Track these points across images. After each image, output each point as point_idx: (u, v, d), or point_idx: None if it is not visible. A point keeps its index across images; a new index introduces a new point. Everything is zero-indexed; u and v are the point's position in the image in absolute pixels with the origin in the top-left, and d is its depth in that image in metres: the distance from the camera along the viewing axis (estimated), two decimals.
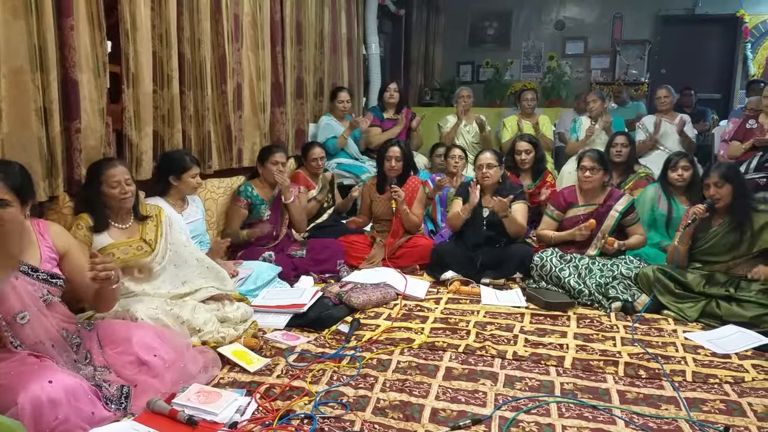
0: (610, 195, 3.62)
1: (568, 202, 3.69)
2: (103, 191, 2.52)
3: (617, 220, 3.51)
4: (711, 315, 2.96)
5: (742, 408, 2.15)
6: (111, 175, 2.52)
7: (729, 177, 3.09)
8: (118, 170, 2.55)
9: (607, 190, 3.65)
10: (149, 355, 2.17)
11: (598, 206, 3.60)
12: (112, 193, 2.52)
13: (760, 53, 7.86)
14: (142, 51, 2.88)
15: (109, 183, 2.52)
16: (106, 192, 2.52)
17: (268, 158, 3.64)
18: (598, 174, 3.58)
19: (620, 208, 3.54)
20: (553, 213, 3.73)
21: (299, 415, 2.07)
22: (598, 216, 3.55)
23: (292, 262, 3.58)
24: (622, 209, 3.54)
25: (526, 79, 8.12)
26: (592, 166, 3.57)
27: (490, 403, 2.17)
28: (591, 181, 3.58)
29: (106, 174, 2.52)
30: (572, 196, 3.71)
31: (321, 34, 5.04)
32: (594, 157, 3.59)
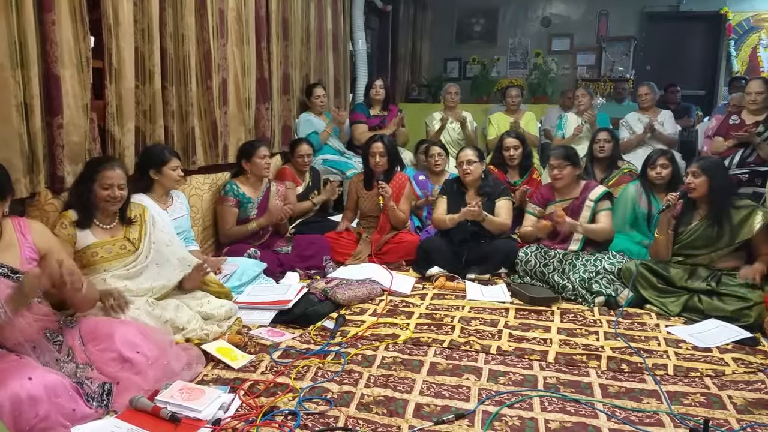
0: (586, 188, 3.65)
1: (546, 199, 3.73)
2: (94, 189, 2.51)
3: (592, 209, 3.54)
4: (693, 309, 3.00)
5: (722, 401, 2.18)
6: (106, 177, 2.50)
7: (707, 169, 3.12)
8: (114, 173, 2.53)
9: (581, 184, 3.68)
10: (132, 352, 2.16)
11: (573, 200, 3.64)
12: (102, 194, 2.51)
13: (744, 50, 7.94)
14: (125, 46, 2.85)
15: (101, 183, 2.50)
16: (97, 192, 2.51)
17: (255, 153, 3.61)
18: (566, 170, 3.60)
19: (594, 197, 3.58)
20: (534, 209, 3.76)
21: (283, 411, 2.07)
22: (575, 209, 3.58)
23: (278, 258, 3.58)
24: (596, 197, 3.58)
25: (512, 76, 8.14)
26: (558, 164, 3.60)
27: (474, 398, 2.18)
28: (561, 178, 3.62)
29: (102, 174, 2.50)
30: (549, 192, 3.75)
31: (307, 30, 5.02)
32: (558, 155, 3.63)
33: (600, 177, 4.36)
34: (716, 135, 4.63)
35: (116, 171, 2.54)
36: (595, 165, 4.42)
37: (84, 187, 2.52)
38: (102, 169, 2.51)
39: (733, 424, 2.03)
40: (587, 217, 3.57)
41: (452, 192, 3.90)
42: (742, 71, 7.85)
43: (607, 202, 3.60)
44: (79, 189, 2.55)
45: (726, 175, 3.35)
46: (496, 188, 3.82)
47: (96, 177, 2.50)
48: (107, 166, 2.53)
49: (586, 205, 3.58)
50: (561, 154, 3.63)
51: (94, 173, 2.51)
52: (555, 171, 3.62)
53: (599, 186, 3.70)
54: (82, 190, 2.52)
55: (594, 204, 3.57)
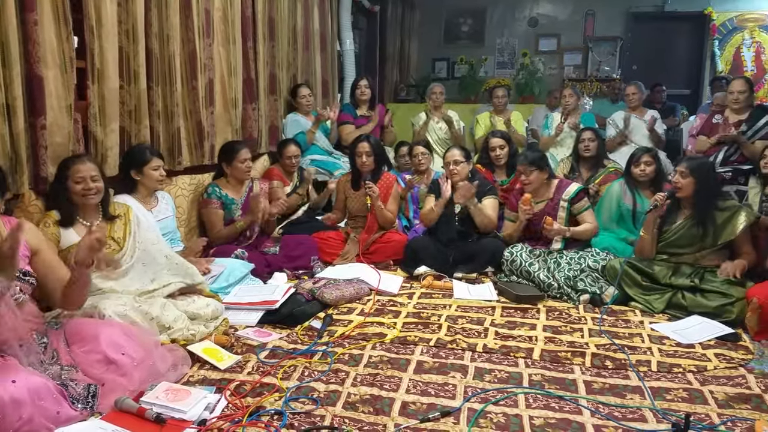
0: (559, 187, 3.67)
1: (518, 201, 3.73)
2: (69, 186, 2.52)
3: (567, 210, 3.57)
4: (677, 306, 3.03)
5: (703, 396, 2.21)
6: (76, 171, 2.52)
7: (695, 171, 3.15)
8: (85, 167, 2.54)
9: (554, 183, 3.70)
10: (117, 353, 2.15)
11: (548, 201, 3.65)
12: (76, 189, 2.52)
13: (728, 50, 8.01)
14: (108, 47, 2.84)
15: (73, 178, 2.52)
16: (71, 187, 2.52)
17: (235, 156, 3.59)
18: (533, 174, 3.61)
19: (567, 197, 3.61)
20: (510, 215, 3.81)
21: (269, 411, 2.07)
22: (551, 210, 3.61)
23: (265, 258, 3.57)
24: (569, 197, 3.60)
25: (500, 76, 8.17)
26: (524, 169, 3.62)
27: (460, 396, 2.19)
28: (529, 183, 3.64)
29: (72, 169, 2.52)
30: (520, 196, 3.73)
31: (294, 30, 5.02)
32: (523, 161, 3.64)
33: (586, 176, 4.40)
34: (700, 134, 4.67)
35: (86, 164, 2.55)
36: (581, 164, 4.45)
37: (59, 187, 2.54)
38: (71, 164, 2.53)
39: (714, 418, 2.06)
40: (564, 217, 3.60)
41: (439, 191, 3.90)
42: (726, 71, 7.92)
43: (584, 201, 3.63)
44: (54, 189, 2.57)
45: (713, 178, 3.36)
46: (483, 187, 3.84)
47: (68, 174, 2.52)
48: (76, 161, 2.56)
49: (561, 206, 3.61)
50: (526, 160, 3.64)
51: (65, 170, 2.53)
52: (522, 177, 3.64)
53: (572, 184, 3.72)
54: (58, 190, 2.54)
55: (568, 204, 3.59)
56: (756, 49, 7.95)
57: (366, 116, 5.32)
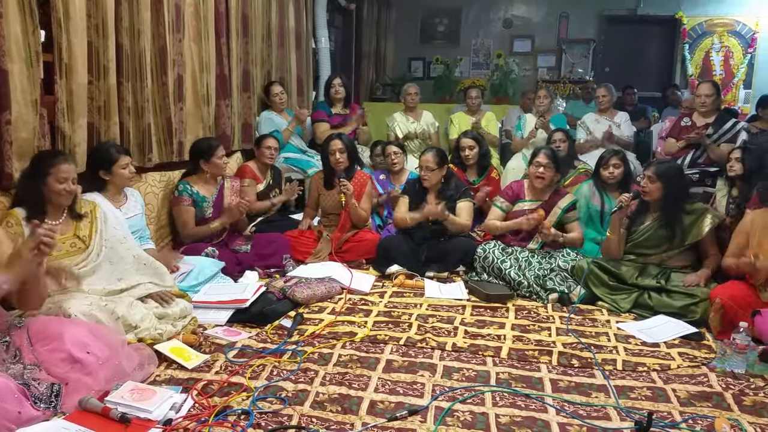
0: (556, 193, 3.70)
1: (516, 195, 3.76)
2: (48, 184, 2.45)
3: (559, 216, 3.60)
4: (643, 306, 3.09)
5: (666, 394, 2.26)
6: (62, 170, 2.45)
7: (663, 176, 3.21)
8: (70, 168, 2.49)
9: (553, 188, 3.74)
10: (82, 352, 2.12)
11: (542, 203, 3.68)
12: (58, 188, 2.46)
13: (697, 54, 8.19)
14: (76, 41, 2.79)
15: (57, 177, 2.45)
16: (52, 186, 2.45)
17: (214, 153, 3.55)
18: (550, 172, 3.63)
19: (563, 205, 3.65)
20: (502, 204, 3.78)
21: (236, 411, 2.06)
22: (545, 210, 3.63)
23: (236, 257, 3.55)
24: (565, 206, 3.64)
25: (475, 76, 8.21)
26: (547, 164, 3.60)
27: (428, 394, 2.21)
28: (544, 178, 3.63)
29: (59, 168, 2.45)
30: (521, 190, 3.78)
31: (268, 26, 4.99)
32: (549, 155, 3.63)
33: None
34: (669, 136, 4.76)
35: (71, 165, 2.50)
36: None
37: (35, 182, 2.45)
38: (57, 162, 2.46)
39: (675, 416, 2.10)
40: (553, 222, 3.62)
41: (414, 192, 3.92)
42: (696, 74, 8.11)
43: (575, 212, 3.67)
44: (29, 184, 2.48)
45: (681, 182, 3.40)
46: (458, 190, 3.86)
47: (50, 171, 2.44)
48: (61, 159, 2.49)
49: (554, 211, 3.63)
50: (552, 156, 3.63)
51: (47, 167, 2.45)
52: (542, 169, 3.60)
53: (569, 195, 3.76)
54: (34, 186, 2.46)
55: (562, 211, 3.63)
56: (725, 54, 8.14)
57: (341, 114, 5.30)
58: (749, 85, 8.08)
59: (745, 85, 8.11)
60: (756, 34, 7.95)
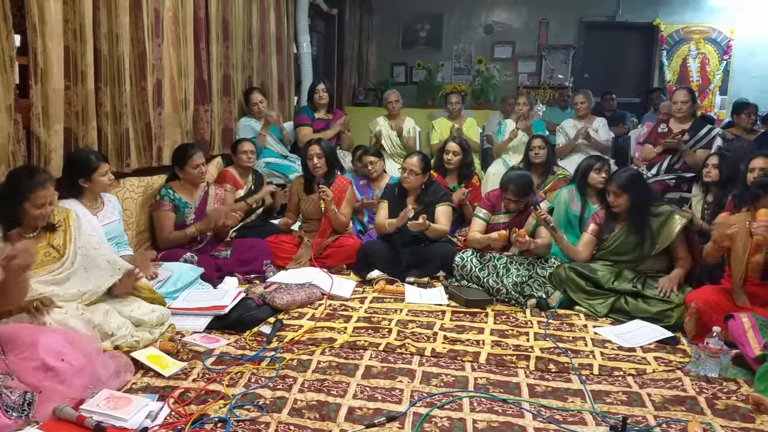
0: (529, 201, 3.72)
1: (494, 206, 3.75)
2: (25, 209, 2.40)
3: (535, 224, 3.61)
4: (619, 310, 3.13)
5: (641, 398, 2.29)
6: (40, 197, 2.41)
7: (626, 187, 3.26)
8: (49, 192, 2.44)
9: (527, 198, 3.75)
10: (56, 360, 2.09)
11: (518, 213, 3.69)
12: (34, 213, 2.42)
13: (675, 60, 8.31)
14: (52, 46, 2.76)
15: (34, 203, 2.41)
16: (29, 211, 2.41)
17: (188, 162, 3.52)
18: (520, 204, 3.63)
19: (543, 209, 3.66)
20: (485, 215, 3.78)
21: (213, 419, 2.05)
22: (520, 222, 3.65)
23: (216, 262, 3.52)
24: None
25: (456, 82, 8.25)
26: (516, 200, 3.60)
27: (406, 400, 2.21)
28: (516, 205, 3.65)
29: (36, 194, 2.40)
30: (497, 200, 3.75)
31: (249, 31, 4.97)
32: (517, 191, 3.57)
33: (536, 182, 4.47)
34: (646, 142, 4.83)
35: (49, 189, 2.45)
36: (532, 171, 4.53)
37: (11, 203, 2.40)
38: (35, 189, 2.39)
39: (650, 420, 2.13)
40: (529, 229, 3.63)
41: (393, 197, 3.94)
42: (673, 80, 8.23)
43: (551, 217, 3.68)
44: (5, 206, 2.41)
45: (644, 187, 3.46)
46: (437, 194, 3.88)
47: (29, 197, 2.39)
48: (40, 185, 2.41)
49: (529, 221, 3.64)
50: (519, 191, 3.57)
51: (26, 191, 2.39)
52: (512, 205, 3.62)
53: (544, 201, 3.79)
54: (10, 208, 2.41)
55: (536, 220, 3.65)
56: (701, 60, 8.28)
57: (324, 119, 5.30)
58: (725, 91, 8.21)
59: (721, 92, 8.24)
60: (731, 42, 8.09)
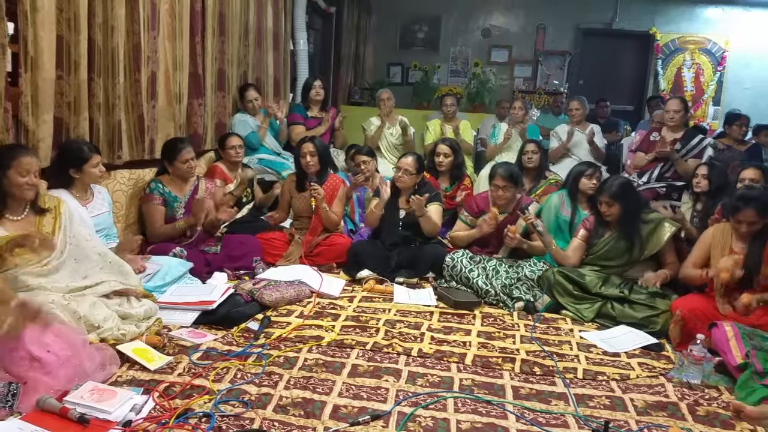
0: (519, 203, 3.75)
1: (480, 209, 3.79)
2: (9, 177, 2.41)
3: (524, 226, 3.63)
4: (606, 315, 3.14)
5: (624, 403, 2.30)
6: (24, 163, 2.43)
7: (618, 196, 3.29)
8: (33, 160, 2.48)
9: (516, 199, 3.78)
10: (42, 351, 2.09)
11: (507, 215, 3.72)
12: (19, 181, 2.42)
13: (670, 69, 8.38)
14: (44, 35, 2.74)
15: (19, 170, 2.42)
16: (13, 179, 2.42)
17: (177, 157, 3.51)
18: (510, 192, 3.67)
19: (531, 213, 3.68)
20: (467, 218, 3.84)
21: (197, 413, 2.05)
22: (511, 223, 3.66)
23: (205, 258, 3.51)
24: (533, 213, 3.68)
25: (452, 84, 8.28)
26: (504, 185, 3.64)
27: (391, 399, 2.22)
28: (504, 198, 3.68)
29: (19, 160, 2.42)
30: (485, 203, 3.80)
31: (246, 26, 4.96)
32: (505, 176, 3.64)
33: (528, 187, 4.51)
34: (638, 150, 4.86)
35: (32, 158, 2.49)
36: (524, 175, 4.55)
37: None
38: (18, 155, 2.44)
39: (632, 425, 2.15)
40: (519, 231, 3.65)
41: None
42: (668, 89, 8.29)
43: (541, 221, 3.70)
44: None
45: (634, 194, 3.49)
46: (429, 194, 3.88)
47: (11, 164, 2.42)
48: (23, 152, 2.47)
49: (519, 222, 3.66)
50: (506, 175, 3.63)
51: (8, 159, 2.42)
52: (500, 192, 3.65)
53: (533, 204, 3.81)
54: None
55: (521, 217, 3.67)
56: (696, 71, 8.35)
57: (317, 117, 5.30)
58: (718, 101, 8.30)
59: (714, 102, 8.32)
60: (725, 53, 8.17)
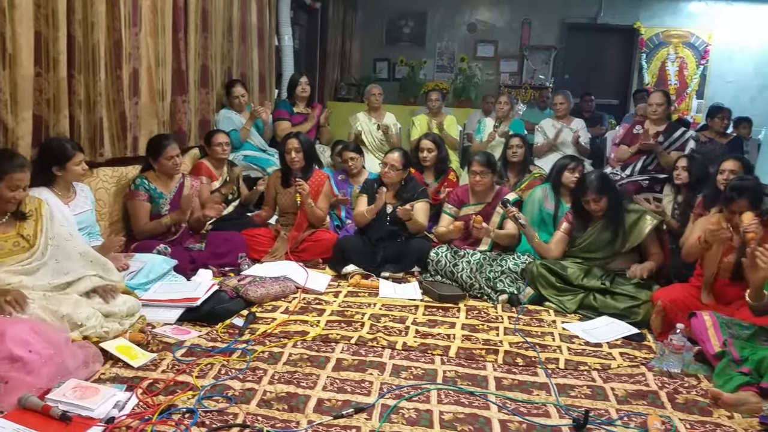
0: (499, 194, 3.78)
1: (461, 200, 3.84)
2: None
3: (502, 215, 3.67)
4: (588, 307, 3.18)
5: (605, 392, 2.33)
6: (15, 179, 2.41)
7: (603, 189, 3.32)
8: (25, 176, 2.45)
9: (495, 189, 3.81)
10: (24, 350, 2.08)
11: (486, 205, 3.76)
12: (7, 195, 2.41)
13: (654, 63, 8.43)
14: (22, 31, 2.71)
15: (9, 185, 2.40)
16: (2, 193, 2.39)
17: (162, 153, 3.50)
18: (487, 177, 3.74)
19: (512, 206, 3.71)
20: (451, 210, 3.86)
21: (181, 409, 2.05)
22: (487, 214, 3.71)
23: (190, 255, 3.51)
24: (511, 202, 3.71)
25: (438, 79, 8.29)
26: (481, 170, 3.72)
27: (375, 392, 2.23)
28: (482, 184, 3.75)
29: (12, 176, 2.40)
30: (465, 195, 3.86)
31: (229, 22, 4.94)
32: (482, 161, 3.74)
33: (513, 181, 4.53)
34: (621, 143, 4.90)
35: (26, 173, 2.46)
36: (509, 169, 4.58)
37: None
38: (11, 170, 2.40)
39: (612, 414, 2.17)
40: (497, 222, 3.70)
41: (372, 191, 3.95)
42: (652, 83, 8.34)
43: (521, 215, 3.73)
44: None
45: (614, 183, 3.57)
46: (415, 191, 3.91)
47: (4, 177, 2.39)
48: (17, 168, 2.42)
49: (497, 211, 3.71)
50: (484, 161, 3.74)
51: (2, 173, 2.39)
52: (477, 177, 3.72)
53: (511, 193, 3.84)
54: None
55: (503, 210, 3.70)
56: (679, 64, 8.41)
57: (303, 114, 5.29)
58: (702, 95, 8.36)
59: (698, 95, 8.38)
60: (708, 47, 8.23)
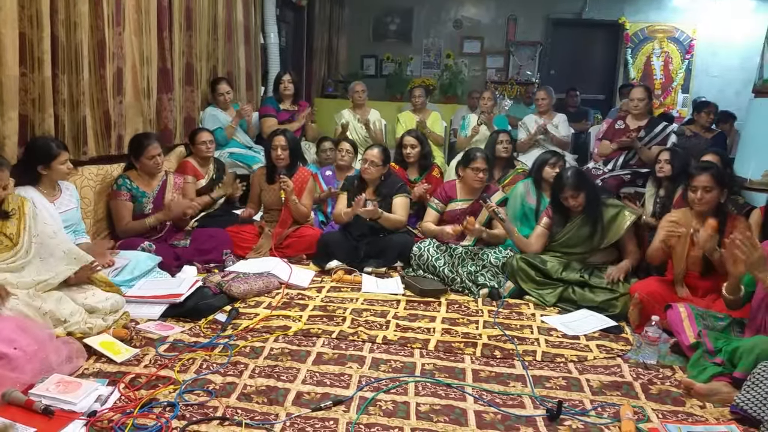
0: (486, 190, 3.83)
1: (449, 196, 3.88)
2: None
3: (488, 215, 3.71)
4: (567, 300, 3.23)
5: (580, 384, 2.39)
6: None
7: (581, 185, 3.37)
8: (4, 175, 2.49)
9: (482, 187, 3.85)
10: (8, 348, 2.12)
11: (474, 201, 3.80)
12: None
13: (639, 58, 8.49)
14: (6, 32, 2.74)
15: None
16: None
17: (143, 152, 3.53)
18: (487, 174, 3.78)
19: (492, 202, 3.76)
20: (437, 205, 3.90)
21: (162, 403, 2.09)
22: (474, 211, 3.76)
23: (175, 252, 3.54)
24: (497, 202, 3.76)
25: (425, 75, 8.33)
26: (485, 167, 3.74)
27: (354, 385, 2.28)
28: (482, 182, 3.77)
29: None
30: (453, 190, 3.89)
31: (214, 20, 4.95)
32: (486, 158, 3.76)
33: (497, 176, 4.58)
34: (603, 138, 4.95)
35: (5, 173, 2.50)
36: (495, 164, 4.62)
37: None
38: None
39: (586, 404, 2.23)
40: (483, 220, 3.74)
41: (352, 188, 3.99)
42: (637, 78, 8.40)
43: (503, 209, 3.77)
44: None
45: (590, 178, 3.63)
46: (395, 186, 3.95)
47: None
48: None
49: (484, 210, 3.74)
50: (489, 159, 3.76)
51: None
52: (481, 174, 3.73)
53: (499, 191, 3.89)
54: None
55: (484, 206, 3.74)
56: (665, 59, 8.47)
57: (289, 111, 5.31)
58: (687, 89, 8.43)
59: (683, 90, 8.46)
60: (693, 41, 8.31)
